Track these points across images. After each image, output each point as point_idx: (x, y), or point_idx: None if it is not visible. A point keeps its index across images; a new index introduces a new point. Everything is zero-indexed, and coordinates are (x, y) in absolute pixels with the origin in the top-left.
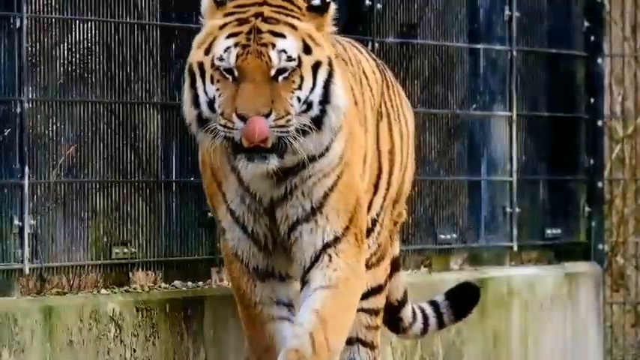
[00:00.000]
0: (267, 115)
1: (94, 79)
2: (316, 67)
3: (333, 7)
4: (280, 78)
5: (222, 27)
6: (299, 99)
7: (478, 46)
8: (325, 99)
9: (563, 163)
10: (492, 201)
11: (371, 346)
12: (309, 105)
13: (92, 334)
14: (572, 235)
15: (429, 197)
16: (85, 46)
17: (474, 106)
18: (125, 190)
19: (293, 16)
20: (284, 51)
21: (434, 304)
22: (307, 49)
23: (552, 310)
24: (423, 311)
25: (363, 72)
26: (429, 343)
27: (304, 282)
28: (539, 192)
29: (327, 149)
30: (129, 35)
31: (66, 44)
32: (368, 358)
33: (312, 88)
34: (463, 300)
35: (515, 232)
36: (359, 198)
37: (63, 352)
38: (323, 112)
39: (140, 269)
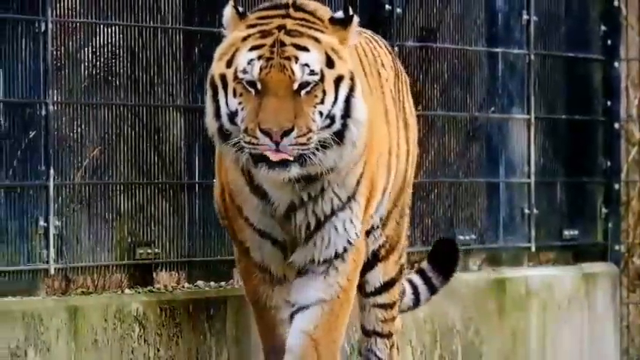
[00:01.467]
0: (290, 131)
1: (118, 83)
2: (338, 81)
3: (356, 20)
4: (303, 92)
5: (244, 39)
6: (321, 113)
7: (496, 49)
8: (347, 113)
9: (580, 165)
10: (511, 202)
11: (387, 336)
12: (331, 119)
13: (116, 333)
14: (589, 236)
15: (448, 199)
16: (110, 49)
17: (493, 108)
18: (149, 192)
19: (316, 29)
20: (307, 65)
21: (421, 272)
22: (330, 63)
23: (570, 310)
24: (410, 282)
25: (382, 65)
26: (448, 343)
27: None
28: (557, 194)
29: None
30: (152, 39)
31: (90, 48)
32: (385, 347)
33: (334, 102)
34: (445, 259)
35: (533, 233)
36: (376, 184)
37: (88, 351)
38: (345, 126)
39: (164, 269)
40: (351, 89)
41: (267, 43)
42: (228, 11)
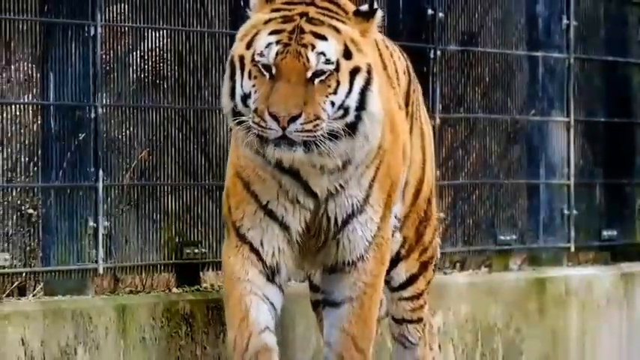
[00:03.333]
0: (297, 117)
1: (165, 86)
2: (354, 72)
3: (379, 13)
4: (316, 80)
5: (266, 22)
6: (333, 103)
7: (537, 53)
8: (361, 105)
9: (618, 167)
10: (550, 203)
11: (418, 321)
12: (345, 110)
13: (164, 331)
14: (627, 236)
15: (489, 200)
16: (157, 53)
17: (533, 111)
18: (196, 193)
19: (338, 19)
20: (323, 53)
21: None
22: (348, 54)
23: (608, 309)
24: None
25: (396, 71)
26: (489, 341)
27: (319, 288)
28: (596, 195)
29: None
30: (199, 43)
31: (139, 52)
32: (417, 332)
33: (348, 94)
34: None
35: (572, 233)
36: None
37: (136, 349)
38: (358, 118)
39: (210, 269)
40: (367, 82)
41: (287, 28)
42: None
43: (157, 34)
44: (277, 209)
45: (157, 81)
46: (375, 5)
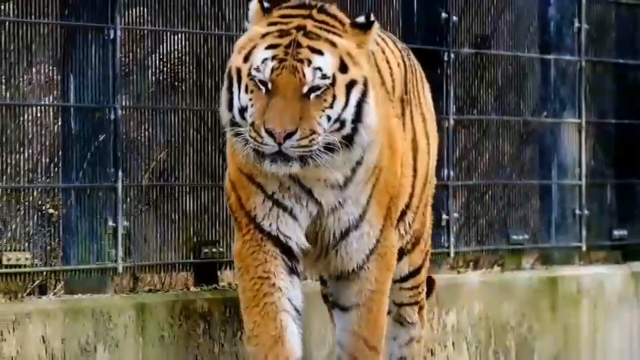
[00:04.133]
0: (293, 134)
1: (184, 88)
2: (350, 86)
3: (376, 25)
4: (312, 95)
5: (263, 36)
6: (329, 117)
7: (549, 56)
8: (358, 118)
9: (629, 168)
10: (562, 204)
11: (415, 304)
12: (342, 123)
13: (182, 329)
14: (638, 235)
15: (502, 200)
16: (176, 56)
17: (545, 113)
18: (214, 193)
19: (335, 33)
20: (319, 68)
21: None
22: (344, 68)
23: (619, 308)
24: None
25: (387, 62)
26: (502, 339)
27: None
28: (607, 195)
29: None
30: (217, 46)
31: (157, 54)
32: (414, 313)
33: (345, 107)
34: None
35: (584, 233)
36: (395, 192)
37: (155, 347)
38: (355, 130)
39: (228, 268)
40: (364, 94)
41: (283, 43)
42: (253, 5)
43: (176, 38)
44: (284, 200)
45: (176, 83)
46: (372, 17)
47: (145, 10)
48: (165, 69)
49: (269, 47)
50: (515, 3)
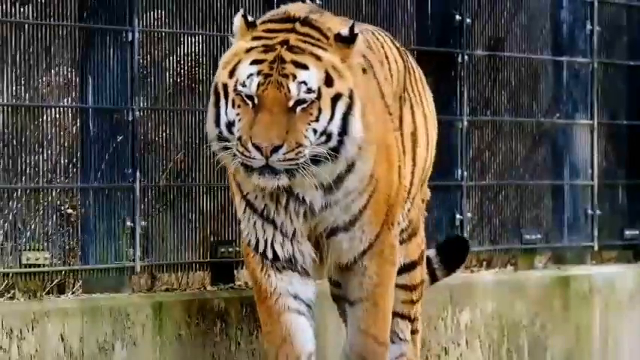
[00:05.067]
0: (279, 147)
1: (201, 89)
2: (336, 99)
3: (360, 38)
4: (298, 109)
5: (248, 50)
6: (315, 130)
7: (561, 58)
8: (344, 130)
9: None
10: (574, 204)
11: (409, 318)
12: (328, 136)
13: (199, 328)
14: None
15: (515, 200)
16: (193, 58)
17: (558, 114)
18: (230, 193)
19: (319, 46)
20: (304, 82)
21: (427, 260)
22: (329, 81)
23: (630, 307)
24: None
25: (386, 58)
26: (515, 337)
27: (340, 284)
28: (619, 195)
29: (353, 166)
30: None
31: (175, 56)
32: (407, 328)
33: (330, 120)
34: (454, 254)
35: (595, 232)
36: (392, 197)
37: (172, 345)
38: (341, 142)
39: (244, 267)
40: (349, 107)
41: (268, 58)
42: (237, 20)
43: (193, 39)
44: (257, 203)
45: (193, 85)
46: (356, 30)
47: (163, 12)
48: (182, 71)
49: (254, 62)
50: (528, 5)
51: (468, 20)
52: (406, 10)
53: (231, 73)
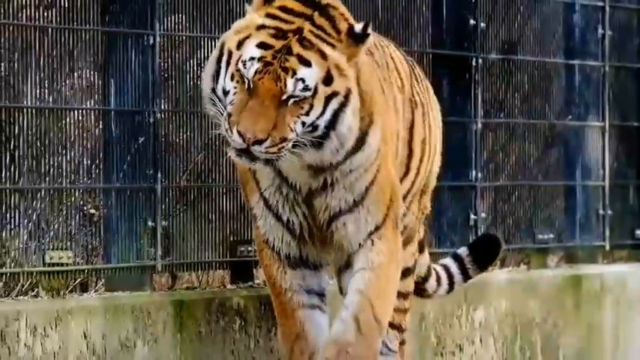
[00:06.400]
0: (263, 141)
1: None
2: (331, 97)
3: (371, 38)
4: (290, 102)
5: (259, 27)
6: (304, 123)
7: (573, 62)
8: (332, 125)
9: None
10: (586, 204)
11: (399, 329)
12: (314, 128)
13: (219, 326)
14: None
15: (528, 200)
16: None
17: (570, 117)
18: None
19: (328, 42)
20: (302, 80)
21: (458, 259)
22: (328, 80)
23: None
24: (447, 270)
25: (391, 57)
26: (528, 334)
27: (346, 265)
28: (630, 196)
29: (362, 143)
30: None
31: (195, 60)
32: (396, 338)
33: (320, 116)
34: (485, 253)
35: (607, 232)
36: (394, 185)
37: (192, 342)
38: (326, 135)
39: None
40: (343, 105)
41: (275, 45)
42: None
43: (213, 43)
44: (272, 200)
45: None
46: (369, 30)
47: (183, 16)
48: (202, 74)
49: (260, 45)
50: (541, 10)
51: (483, 25)
52: (421, 14)
53: (239, 45)
